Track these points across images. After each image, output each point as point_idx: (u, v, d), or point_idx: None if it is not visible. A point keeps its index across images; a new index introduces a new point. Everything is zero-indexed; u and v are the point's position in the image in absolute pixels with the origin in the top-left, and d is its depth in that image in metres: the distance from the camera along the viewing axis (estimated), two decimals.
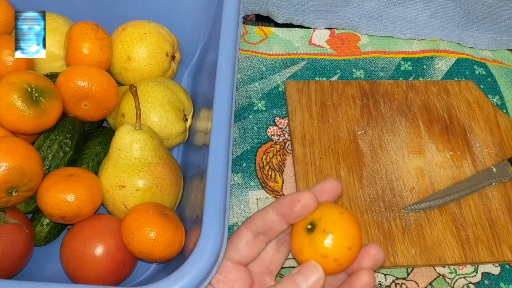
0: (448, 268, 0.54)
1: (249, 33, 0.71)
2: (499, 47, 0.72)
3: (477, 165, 0.60)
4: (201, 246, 0.37)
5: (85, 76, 0.51)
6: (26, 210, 0.50)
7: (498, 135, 0.63)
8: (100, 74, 0.52)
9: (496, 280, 0.54)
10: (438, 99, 0.65)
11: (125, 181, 0.48)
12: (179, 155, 0.59)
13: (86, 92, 0.51)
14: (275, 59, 0.69)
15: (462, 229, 0.55)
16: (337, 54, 0.70)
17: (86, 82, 0.51)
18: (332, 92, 0.65)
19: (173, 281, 0.35)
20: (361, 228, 0.54)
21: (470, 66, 0.70)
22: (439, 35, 0.72)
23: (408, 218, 0.56)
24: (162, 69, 0.58)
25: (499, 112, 0.65)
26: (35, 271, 0.50)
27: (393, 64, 0.70)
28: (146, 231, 0.45)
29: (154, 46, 0.57)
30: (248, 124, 0.63)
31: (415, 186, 0.58)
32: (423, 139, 0.62)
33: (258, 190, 0.58)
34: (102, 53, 0.54)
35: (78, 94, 0.51)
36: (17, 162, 0.44)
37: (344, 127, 0.62)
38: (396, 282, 0.52)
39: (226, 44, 0.48)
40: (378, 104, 0.64)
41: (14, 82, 0.47)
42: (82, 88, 0.51)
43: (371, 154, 0.60)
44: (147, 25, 0.58)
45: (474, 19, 0.69)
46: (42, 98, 0.48)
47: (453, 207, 0.57)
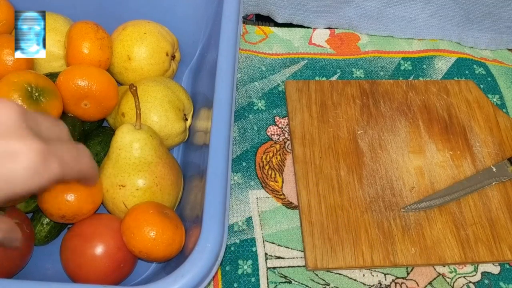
0: (448, 267, 0.54)
1: (249, 33, 0.71)
2: (499, 46, 0.72)
3: (477, 165, 0.60)
4: (201, 245, 0.37)
5: (85, 75, 0.51)
6: (26, 210, 0.50)
7: (498, 135, 0.63)
8: (100, 73, 0.52)
9: (496, 279, 0.54)
10: (438, 99, 0.65)
11: (125, 180, 0.48)
12: (179, 154, 0.59)
13: (86, 91, 0.51)
14: (275, 58, 0.69)
15: (462, 228, 0.55)
16: (337, 53, 0.70)
17: (86, 81, 0.51)
18: (332, 92, 0.65)
19: (173, 280, 0.35)
20: (360, 226, 0.54)
21: (470, 66, 0.70)
22: (439, 34, 0.72)
23: (408, 217, 0.56)
24: (162, 69, 0.58)
25: (499, 112, 0.65)
26: (35, 270, 0.50)
27: (393, 63, 0.70)
28: (146, 231, 0.45)
29: (154, 46, 0.57)
30: (248, 123, 0.63)
31: (415, 185, 0.58)
32: (423, 139, 0.62)
33: (258, 189, 0.58)
34: (102, 53, 0.54)
35: (78, 94, 0.51)
36: None
37: (344, 127, 0.62)
38: (396, 282, 0.53)
39: (226, 43, 0.48)
40: (378, 103, 0.64)
41: (14, 82, 0.47)
42: (82, 87, 0.51)
43: (371, 154, 0.60)
44: (147, 25, 0.58)
45: (474, 18, 0.69)
46: (42, 97, 0.48)
47: (453, 206, 0.57)
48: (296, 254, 0.54)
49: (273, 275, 0.52)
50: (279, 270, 0.53)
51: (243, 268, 0.53)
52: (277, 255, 0.54)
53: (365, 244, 0.53)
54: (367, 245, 0.53)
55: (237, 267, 0.53)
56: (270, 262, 0.53)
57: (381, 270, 0.53)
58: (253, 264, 0.53)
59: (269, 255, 0.53)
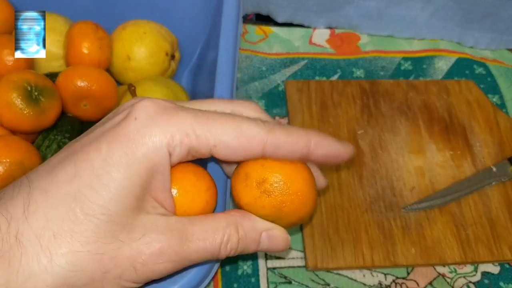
0: (448, 267, 0.54)
1: (249, 33, 0.71)
2: (499, 46, 0.72)
3: (477, 165, 0.60)
4: None
5: (85, 76, 0.51)
6: None
7: (498, 135, 0.62)
8: (100, 74, 0.52)
9: (496, 279, 0.54)
10: (438, 99, 0.65)
11: None
12: None
13: (86, 92, 0.51)
14: (275, 58, 0.69)
15: (462, 228, 0.55)
16: (337, 53, 0.70)
17: (86, 82, 0.51)
18: (332, 92, 0.65)
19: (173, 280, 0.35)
20: (360, 226, 0.54)
21: (470, 66, 0.70)
22: (439, 34, 0.72)
23: (408, 217, 0.56)
24: (162, 69, 0.58)
25: (499, 112, 0.65)
26: None
27: (393, 63, 0.70)
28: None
29: (153, 46, 0.57)
30: None
31: (415, 185, 0.58)
32: (423, 139, 0.62)
33: None
34: (101, 53, 0.54)
35: (77, 94, 0.51)
36: (18, 158, 0.44)
37: (344, 127, 0.62)
38: (396, 282, 0.52)
39: (226, 43, 0.48)
40: (378, 103, 0.64)
41: (14, 81, 0.47)
42: (81, 88, 0.51)
43: (371, 154, 0.60)
44: (147, 25, 0.58)
45: (474, 18, 0.69)
46: (41, 97, 0.48)
47: (453, 206, 0.57)
48: (296, 254, 0.54)
49: (273, 275, 0.52)
50: (279, 271, 0.53)
51: (243, 268, 0.53)
52: (277, 255, 0.53)
53: (365, 244, 0.53)
54: (368, 245, 0.53)
55: (237, 267, 0.53)
56: (270, 263, 0.53)
57: (381, 270, 0.53)
58: (253, 264, 0.53)
59: (269, 255, 0.53)
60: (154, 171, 0.29)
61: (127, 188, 0.28)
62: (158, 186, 0.30)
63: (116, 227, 0.28)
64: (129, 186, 0.28)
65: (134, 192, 0.29)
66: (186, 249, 0.30)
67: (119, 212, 0.28)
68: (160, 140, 0.29)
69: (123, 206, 0.28)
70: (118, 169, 0.28)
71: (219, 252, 0.32)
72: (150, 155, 0.29)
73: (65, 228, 0.28)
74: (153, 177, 0.29)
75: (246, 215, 0.34)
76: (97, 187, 0.28)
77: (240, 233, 0.33)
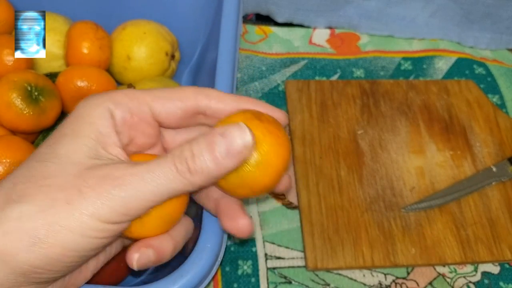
0: (448, 267, 0.54)
1: (249, 32, 0.71)
2: (499, 46, 0.72)
3: (477, 165, 0.60)
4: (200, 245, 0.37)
5: (84, 76, 0.51)
6: None
7: (498, 135, 0.62)
8: (100, 74, 0.52)
9: (496, 279, 0.54)
10: (438, 99, 0.65)
11: None
12: None
13: (86, 92, 0.51)
14: (275, 58, 0.69)
15: (462, 228, 0.55)
16: (337, 53, 0.70)
17: (86, 82, 0.51)
18: (332, 92, 0.65)
19: (173, 280, 0.35)
20: (360, 226, 0.54)
21: (470, 66, 0.70)
22: (439, 34, 0.72)
23: (408, 217, 0.56)
24: (162, 69, 0.58)
25: (499, 112, 0.65)
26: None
27: (393, 63, 0.70)
28: None
29: (153, 46, 0.57)
30: None
31: (415, 185, 0.58)
32: (423, 139, 0.62)
33: None
34: (101, 53, 0.54)
35: (77, 94, 0.51)
36: (18, 158, 0.45)
37: (344, 127, 0.62)
38: (396, 282, 0.52)
39: (226, 43, 0.48)
40: (378, 103, 0.64)
41: (14, 81, 0.47)
42: (81, 88, 0.51)
43: (371, 154, 0.60)
44: (147, 25, 0.58)
45: (474, 18, 0.69)
46: (41, 97, 0.48)
47: (453, 206, 0.57)
48: (296, 254, 0.54)
49: (273, 275, 0.52)
50: (279, 271, 0.53)
51: (243, 269, 0.53)
52: (277, 255, 0.53)
53: (365, 244, 0.53)
54: (368, 245, 0.53)
55: (237, 267, 0.53)
56: (270, 263, 0.53)
57: (381, 270, 0.53)
58: (253, 265, 0.53)
59: (269, 255, 0.53)
60: (99, 132, 0.32)
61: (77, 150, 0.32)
62: (109, 142, 0.33)
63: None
64: (76, 149, 0.31)
65: (85, 153, 0.31)
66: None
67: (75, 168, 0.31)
68: (98, 104, 0.33)
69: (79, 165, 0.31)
70: (67, 139, 0.32)
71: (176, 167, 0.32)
72: (92, 119, 0.32)
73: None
74: (102, 136, 0.32)
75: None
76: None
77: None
